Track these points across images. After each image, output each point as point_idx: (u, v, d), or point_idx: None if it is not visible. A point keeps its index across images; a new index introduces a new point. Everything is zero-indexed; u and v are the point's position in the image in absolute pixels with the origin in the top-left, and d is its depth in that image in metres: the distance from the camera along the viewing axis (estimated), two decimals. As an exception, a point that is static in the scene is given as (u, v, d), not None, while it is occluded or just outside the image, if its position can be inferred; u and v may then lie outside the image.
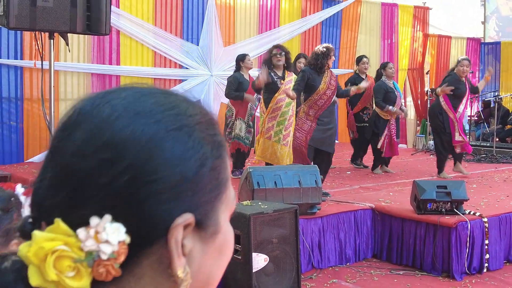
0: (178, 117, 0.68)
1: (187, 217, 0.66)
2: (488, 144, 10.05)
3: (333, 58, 6.49)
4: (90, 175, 0.63)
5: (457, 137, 7.80)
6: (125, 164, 0.63)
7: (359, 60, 8.66)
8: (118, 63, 9.52)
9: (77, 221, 0.63)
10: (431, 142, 11.15)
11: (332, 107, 6.56)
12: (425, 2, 14.04)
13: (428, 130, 11.70)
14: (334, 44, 12.13)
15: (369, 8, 12.75)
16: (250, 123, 7.50)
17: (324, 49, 6.41)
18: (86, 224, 0.62)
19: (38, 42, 3.85)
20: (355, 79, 8.53)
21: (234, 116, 7.50)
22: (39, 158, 8.57)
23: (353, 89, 6.95)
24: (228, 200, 0.73)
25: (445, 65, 14.52)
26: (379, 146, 7.97)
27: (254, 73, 7.83)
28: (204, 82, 10.23)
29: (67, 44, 4.02)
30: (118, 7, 9.38)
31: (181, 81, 10.17)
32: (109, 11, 3.82)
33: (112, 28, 9.26)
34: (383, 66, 8.29)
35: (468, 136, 10.69)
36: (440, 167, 7.90)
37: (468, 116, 12.48)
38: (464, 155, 8.76)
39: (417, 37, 13.74)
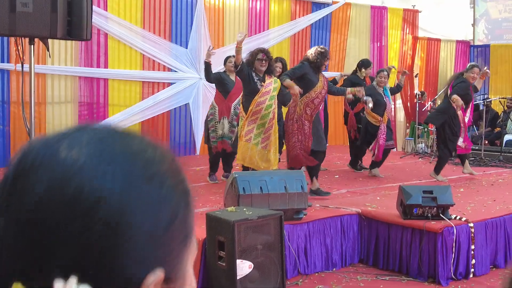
0: (148, 165, 0.63)
1: (159, 274, 0.61)
2: (476, 147, 10.06)
3: (327, 61, 6.58)
4: (57, 229, 0.57)
5: (460, 143, 7.91)
6: (96, 218, 0.58)
7: (377, 72, 8.47)
8: (106, 66, 9.47)
9: (40, 285, 0.57)
10: (420, 145, 11.20)
11: None
12: (415, 5, 14.03)
13: (417, 133, 11.73)
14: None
15: (358, 11, 12.77)
16: (234, 122, 7.44)
17: (323, 50, 6.53)
18: None
19: (19, 47, 3.80)
20: (354, 80, 8.58)
21: (217, 114, 7.45)
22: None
23: (349, 90, 6.97)
24: (193, 247, 0.69)
25: (434, 67, 14.57)
26: (369, 148, 8.03)
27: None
28: (193, 85, 10.19)
29: (48, 49, 3.97)
30: (106, 10, 9.34)
31: (169, 84, 10.12)
32: (91, 16, 3.78)
33: (100, 31, 9.24)
34: (378, 72, 8.37)
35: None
36: (439, 170, 7.95)
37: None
38: (453, 159, 8.83)
39: (406, 39, 13.77)
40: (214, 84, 7.85)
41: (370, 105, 7.58)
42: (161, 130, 10.11)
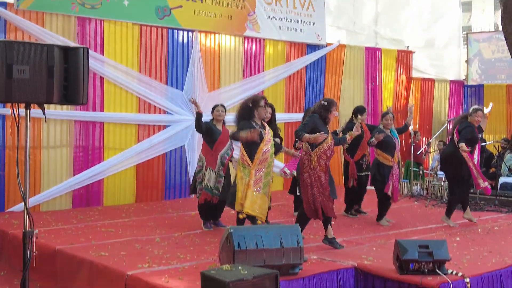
0: None
1: None
2: (472, 191, 10.06)
3: (333, 113, 6.54)
4: None
5: (482, 184, 8.03)
6: None
7: (383, 115, 8.52)
8: (102, 110, 9.50)
9: None
10: (416, 187, 11.20)
11: None
12: (408, 46, 14.21)
13: (411, 174, 11.74)
14: (319, 88, 12.26)
15: (352, 52, 12.91)
16: (221, 173, 7.41)
17: (326, 103, 6.51)
18: None
19: (15, 111, 3.81)
20: (351, 128, 8.62)
21: (204, 166, 7.42)
22: (20, 207, 8.49)
23: (348, 137, 6.99)
24: None
25: (428, 107, 14.68)
26: (387, 191, 7.98)
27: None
28: (189, 128, 10.21)
29: (44, 114, 3.98)
30: (103, 55, 9.41)
31: (165, 127, 10.15)
32: (87, 82, 3.80)
33: (96, 75, 9.31)
34: (382, 115, 8.44)
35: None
36: (450, 214, 8.05)
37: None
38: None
39: (400, 80, 13.91)
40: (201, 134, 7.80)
41: (377, 136, 7.79)
42: (157, 173, 10.10)
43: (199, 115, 7.35)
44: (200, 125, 7.39)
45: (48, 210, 8.81)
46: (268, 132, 6.74)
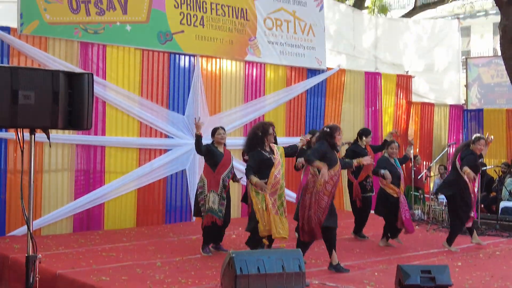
0: None
1: None
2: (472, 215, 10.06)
3: (338, 137, 6.65)
4: None
5: (471, 213, 8.11)
6: None
7: (388, 144, 8.56)
8: (103, 134, 9.53)
9: None
10: (416, 212, 11.17)
11: None
12: (408, 71, 14.31)
13: (412, 199, 11.72)
14: (319, 112, 12.32)
15: (352, 77, 12.99)
16: (223, 195, 7.43)
17: (328, 129, 6.66)
18: None
19: (20, 135, 3.84)
20: (355, 150, 8.70)
21: (206, 187, 7.43)
22: (21, 231, 8.47)
23: (355, 162, 7.10)
24: None
25: (428, 131, 14.72)
26: (400, 226, 8.02)
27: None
28: (190, 152, 10.23)
29: (48, 138, 4.01)
30: (105, 79, 9.47)
31: (166, 150, 10.17)
32: (91, 107, 3.85)
33: (98, 99, 9.34)
34: (388, 144, 8.49)
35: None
36: (452, 241, 8.05)
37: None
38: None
39: (400, 104, 13.97)
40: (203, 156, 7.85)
41: (383, 171, 7.85)
42: (157, 197, 10.10)
43: (198, 137, 7.42)
44: (199, 147, 7.49)
45: (49, 234, 8.79)
46: (277, 156, 6.98)
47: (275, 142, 7.70)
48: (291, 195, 10.28)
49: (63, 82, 3.80)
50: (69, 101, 3.77)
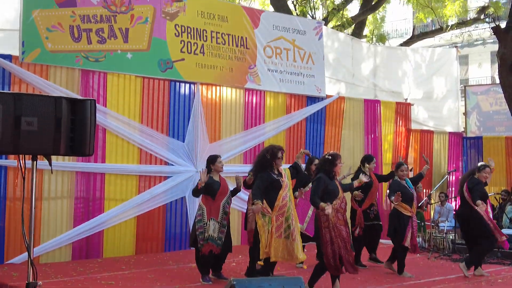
0: None
1: None
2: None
3: (339, 165, 6.74)
4: None
5: (500, 238, 8.11)
6: None
7: (397, 167, 8.58)
8: (103, 161, 9.52)
9: None
10: (418, 240, 11.09)
11: None
12: (407, 99, 14.37)
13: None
14: (319, 139, 12.34)
15: (352, 104, 13.04)
16: (224, 222, 7.39)
17: (330, 157, 6.74)
18: None
19: (22, 162, 3.84)
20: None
21: (205, 215, 7.37)
22: (19, 259, 8.41)
23: (356, 183, 7.20)
24: None
25: (428, 159, 14.68)
26: (406, 244, 7.98)
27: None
28: (190, 179, 10.23)
29: (50, 165, 4.01)
30: (105, 106, 9.50)
31: (166, 178, 10.16)
32: (93, 133, 3.85)
33: (99, 126, 9.36)
34: (397, 166, 8.47)
35: (454, 233, 10.69)
36: (478, 262, 8.16)
37: (454, 210, 12.50)
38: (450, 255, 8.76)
39: (399, 131, 14.00)
40: None
41: (399, 198, 7.86)
42: (157, 224, 10.05)
43: (199, 190, 7.38)
44: (196, 194, 7.54)
45: (48, 262, 8.72)
46: (285, 178, 7.04)
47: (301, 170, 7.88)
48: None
49: (65, 108, 3.81)
50: (71, 128, 3.78)
